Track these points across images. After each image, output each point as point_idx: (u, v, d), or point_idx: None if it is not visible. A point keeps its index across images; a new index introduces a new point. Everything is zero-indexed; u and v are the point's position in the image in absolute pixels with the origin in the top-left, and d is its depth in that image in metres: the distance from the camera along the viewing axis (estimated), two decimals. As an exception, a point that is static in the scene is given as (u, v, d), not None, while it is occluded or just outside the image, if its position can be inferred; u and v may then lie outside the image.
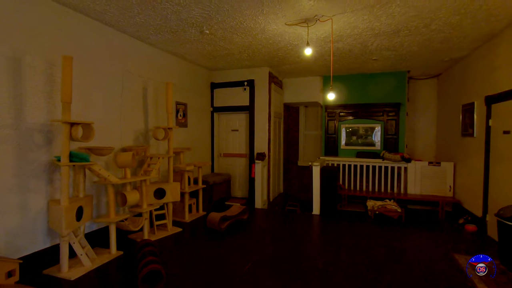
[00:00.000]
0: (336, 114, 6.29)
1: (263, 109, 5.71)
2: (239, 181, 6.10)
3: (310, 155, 7.35)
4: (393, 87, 5.89)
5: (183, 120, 5.09)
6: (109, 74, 3.60)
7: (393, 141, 5.88)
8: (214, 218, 3.99)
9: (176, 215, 4.59)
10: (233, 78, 5.88)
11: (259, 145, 5.73)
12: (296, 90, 6.65)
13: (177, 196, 4.06)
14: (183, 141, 5.10)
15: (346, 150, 6.25)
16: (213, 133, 6.11)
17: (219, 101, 6.04)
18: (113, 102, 3.66)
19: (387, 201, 5.03)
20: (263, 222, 4.65)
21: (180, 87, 5.02)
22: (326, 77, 6.37)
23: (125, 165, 3.31)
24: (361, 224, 4.45)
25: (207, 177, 5.30)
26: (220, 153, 6.23)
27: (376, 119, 6.01)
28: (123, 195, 3.36)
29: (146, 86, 4.23)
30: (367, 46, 4.27)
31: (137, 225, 3.43)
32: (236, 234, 3.92)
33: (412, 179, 5.42)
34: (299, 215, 5.03)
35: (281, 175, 6.93)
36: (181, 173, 4.55)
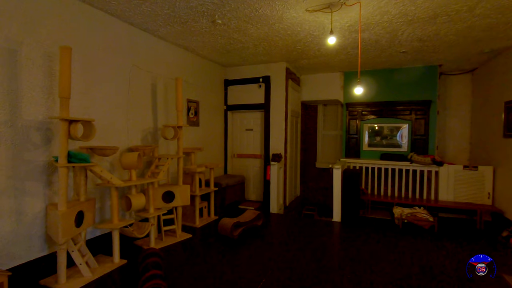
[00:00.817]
0: (359, 112, 5.84)
1: (279, 108, 5.36)
2: (254, 183, 5.78)
3: (329, 157, 6.91)
4: (423, 83, 5.38)
5: (194, 118, 4.83)
6: (115, 69, 3.36)
7: (421, 142, 5.37)
8: (226, 224, 3.68)
9: (186, 219, 4.32)
10: (247, 74, 5.56)
11: (275, 146, 5.38)
12: (314, 87, 6.25)
13: (187, 199, 3.78)
14: (194, 140, 4.83)
15: (369, 151, 5.78)
16: (226, 133, 5.81)
17: (232, 99, 5.74)
18: (119, 99, 3.42)
19: (417, 209, 4.55)
20: (279, 229, 4.30)
21: (192, 84, 4.76)
22: (347, 73, 5.93)
23: (130, 166, 3.06)
24: (388, 234, 4.01)
25: (220, 179, 5.00)
26: (234, 154, 5.93)
27: (403, 118, 5.51)
28: (128, 199, 3.11)
29: (155, 83, 3.98)
30: (396, 36, 3.83)
31: (143, 232, 3.17)
32: (250, 242, 3.59)
33: (444, 185, 4.89)
34: (318, 222, 4.64)
35: (297, 177, 6.55)
36: (192, 175, 4.27)
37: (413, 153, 5.09)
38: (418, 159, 4.97)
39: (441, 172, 4.90)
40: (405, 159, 5.27)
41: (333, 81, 6.07)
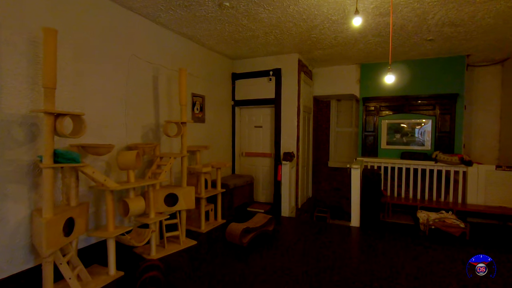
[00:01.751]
0: (376, 108, 5.41)
1: (291, 103, 4.97)
2: (263, 183, 5.42)
3: (342, 155, 6.50)
4: (448, 75, 4.92)
5: (200, 114, 4.48)
6: (112, 58, 3.03)
7: (446, 140, 4.92)
8: (234, 230, 3.33)
9: (191, 223, 3.98)
10: (257, 67, 5.19)
11: (286, 144, 5.01)
12: (327, 81, 5.85)
13: (191, 202, 3.44)
14: (199, 138, 4.49)
15: (388, 150, 5.36)
16: (234, 130, 5.46)
17: (241, 93, 5.38)
18: (116, 91, 3.09)
19: (444, 213, 4.13)
20: (291, 235, 3.92)
21: (197, 77, 4.41)
22: (364, 66, 5.50)
23: (128, 166, 2.73)
24: (413, 241, 3.60)
25: (227, 180, 4.66)
26: (242, 152, 5.57)
27: (426, 113, 5.07)
28: (125, 203, 2.78)
29: (157, 75, 3.64)
30: (425, 20, 3.41)
31: (142, 239, 2.84)
32: (261, 250, 3.23)
33: (473, 187, 4.45)
34: (334, 227, 4.25)
35: (310, 177, 6.16)
36: (197, 175, 3.93)
37: (439, 152, 4.65)
38: (444, 158, 4.54)
39: (470, 173, 4.46)
40: (429, 158, 4.84)
41: (348, 74, 5.65)
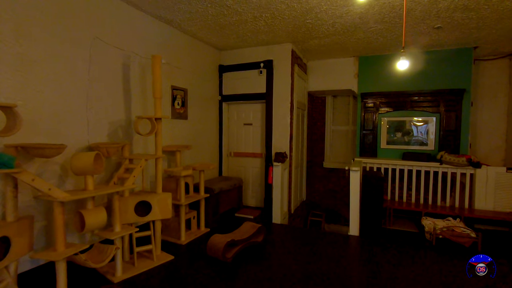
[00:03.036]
0: (376, 104, 5.00)
1: (284, 98, 4.52)
2: (253, 186, 4.97)
3: (339, 155, 6.09)
4: (454, 69, 4.54)
5: (181, 110, 3.99)
6: (68, 41, 2.52)
7: (451, 139, 4.54)
8: (217, 244, 2.87)
9: (170, 233, 3.51)
10: (246, 58, 4.72)
11: (278, 143, 4.56)
12: (323, 75, 5.42)
13: (167, 211, 2.97)
14: (181, 137, 4.00)
15: (388, 150, 4.96)
16: (221, 128, 4.98)
17: (229, 87, 4.90)
18: (75, 80, 2.59)
19: (451, 220, 3.75)
20: (284, 246, 3.48)
21: (178, 68, 3.92)
22: (363, 58, 5.08)
23: (84, 171, 2.24)
24: (419, 253, 3.21)
25: (213, 183, 4.19)
26: (230, 152, 5.11)
27: (429, 110, 4.68)
28: (81, 216, 2.29)
29: (128, 63, 3.14)
30: (435, 4, 2.99)
31: (104, 258, 2.35)
32: (248, 267, 2.79)
33: (481, 191, 4.08)
34: (331, 236, 3.83)
35: (303, 179, 5.73)
36: (176, 179, 3.45)
37: (444, 152, 4.26)
38: (450, 159, 4.15)
39: (478, 176, 4.09)
40: (433, 159, 4.47)
41: (345, 68, 5.23)
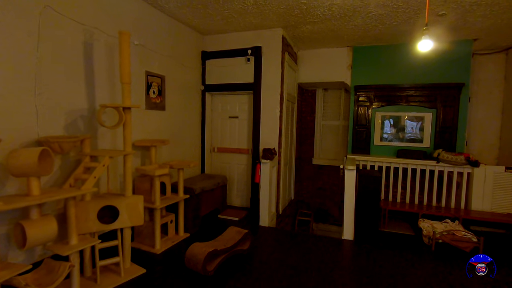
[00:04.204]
0: (370, 98, 4.71)
1: (273, 89, 4.13)
2: (238, 185, 4.58)
3: (329, 152, 5.81)
4: (452, 62, 4.30)
5: (158, 99, 3.52)
6: (9, 7, 2.01)
7: (447, 136, 4.32)
8: (196, 256, 2.47)
9: (143, 241, 3.07)
10: (232, 44, 4.28)
11: (267, 138, 4.18)
12: (315, 66, 5.06)
13: (138, 217, 2.53)
14: (157, 130, 3.54)
15: (382, 147, 4.70)
16: (204, 120, 4.54)
17: (213, 76, 4.45)
18: (18, 59, 2.08)
19: (450, 223, 3.52)
20: (272, 253, 3.12)
21: (154, 52, 3.43)
22: (358, 49, 4.75)
23: (26, 172, 1.77)
24: (419, 259, 2.95)
25: (194, 182, 3.76)
26: (214, 148, 4.68)
27: (426, 105, 4.43)
28: (22, 229, 1.82)
29: (90, 41, 2.64)
30: (446, -15, 2.68)
31: (54, 279, 1.90)
32: (232, 279, 2.41)
33: (479, 191, 3.89)
34: (324, 241, 3.51)
35: (292, 177, 5.40)
36: (151, 179, 3.01)
37: (441, 150, 4.04)
38: (448, 157, 3.93)
39: (476, 175, 3.89)
40: (428, 156, 4.24)
41: (338, 59, 4.89)
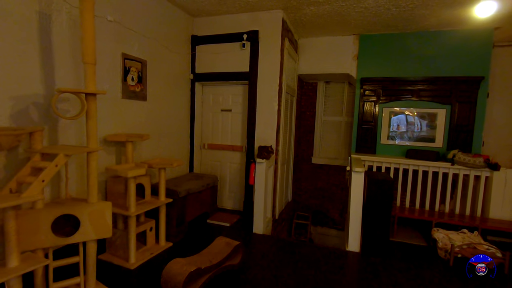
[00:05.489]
0: (377, 92, 4.27)
1: (271, 79, 3.67)
2: (231, 185, 4.13)
3: (330, 150, 5.38)
4: (470, 53, 3.88)
5: (137, 87, 3.04)
6: None
7: (463, 135, 3.91)
8: (174, 277, 2.03)
9: (115, 252, 2.62)
10: (226, 28, 3.80)
11: (263, 135, 3.73)
12: (317, 56, 4.60)
13: (105, 228, 2.08)
14: (137, 122, 3.07)
15: (389, 146, 4.28)
16: (193, 113, 4.07)
17: (203, 64, 3.97)
18: None
19: (467, 233, 3.12)
20: (266, 269, 2.69)
21: (133, 32, 2.95)
22: (365, 37, 4.30)
23: None
24: (439, 277, 2.55)
25: (179, 183, 3.31)
26: (204, 144, 4.22)
27: (439, 101, 4.01)
28: None
29: (48, 12, 2.15)
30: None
31: (-19, 315, 1.44)
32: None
33: (498, 197, 3.50)
34: (326, 252, 3.09)
35: (290, 177, 4.97)
36: (125, 180, 2.55)
37: (458, 151, 3.63)
38: (465, 159, 3.52)
39: (496, 179, 3.49)
40: (442, 158, 3.84)
41: (343, 48, 4.44)
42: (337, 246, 5.38)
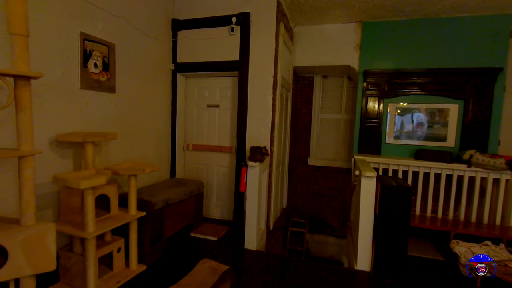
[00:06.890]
0: (382, 86, 3.84)
1: (264, 69, 3.18)
2: (219, 192, 3.62)
3: (328, 151, 4.93)
4: (486, 42, 3.48)
5: (103, 76, 2.49)
6: None
7: (478, 133, 3.52)
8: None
9: (71, 283, 2.07)
10: (212, 11, 3.29)
11: (256, 133, 3.24)
12: (314, 46, 4.14)
13: (46, 258, 1.54)
14: (103, 119, 2.52)
15: (395, 146, 3.85)
16: (174, 109, 3.53)
17: (186, 52, 3.44)
18: None
19: (490, 245, 2.71)
20: (262, 295, 2.19)
21: (97, 7, 2.40)
22: (368, 24, 3.86)
23: None
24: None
25: (155, 192, 2.78)
26: (187, 145, 3.69)
27: (452, 95, 3.61)
28: None
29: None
30: None
31: None
32: None
33: (521, 202, 3.11)
34: (331, 273, 2.61)
35: (285, 181, 4.49)
36: (82, 193, 2.00)
37: (475, 152, 3.22)
38: (484, 160, 3.11)
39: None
40: (455, 158, 3.43)
41: (344, 37, 3.99)
42: (336, 255, 4.98)
